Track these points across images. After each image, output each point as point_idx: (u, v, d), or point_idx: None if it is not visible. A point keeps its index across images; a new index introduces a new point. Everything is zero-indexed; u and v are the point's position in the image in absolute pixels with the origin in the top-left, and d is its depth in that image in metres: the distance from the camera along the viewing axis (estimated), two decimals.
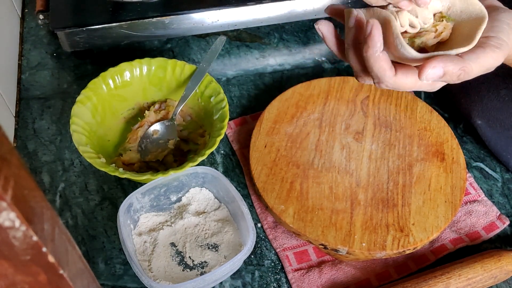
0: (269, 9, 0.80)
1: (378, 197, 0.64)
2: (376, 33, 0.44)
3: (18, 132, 0.74)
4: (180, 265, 0.62)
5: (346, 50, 0.50)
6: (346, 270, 0.62)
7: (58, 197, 0.68)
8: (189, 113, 0.74)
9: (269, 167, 0.66)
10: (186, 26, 0.79)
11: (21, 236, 0.22)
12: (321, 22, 0.50)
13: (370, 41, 0.44)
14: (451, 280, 0.58)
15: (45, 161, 0.71)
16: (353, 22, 0.48)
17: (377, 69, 0.45)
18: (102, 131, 0.69)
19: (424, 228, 0.60)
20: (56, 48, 0.85)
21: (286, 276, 0.62)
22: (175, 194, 0.66)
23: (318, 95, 0.74)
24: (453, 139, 0.70)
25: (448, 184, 0.65)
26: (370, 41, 0.44)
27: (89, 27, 0.76)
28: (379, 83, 0.47)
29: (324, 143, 0.69)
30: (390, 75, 0.46)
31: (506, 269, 0.60)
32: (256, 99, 0.80)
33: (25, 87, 0.80)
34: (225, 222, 0.65)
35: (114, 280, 0.62)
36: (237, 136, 0.75)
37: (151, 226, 0.64)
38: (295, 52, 0.86)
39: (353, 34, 0.48)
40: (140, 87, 0.73)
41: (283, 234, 0.65)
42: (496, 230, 0.66)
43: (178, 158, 0.69)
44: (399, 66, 0.47)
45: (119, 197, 0.68)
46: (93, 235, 0.65)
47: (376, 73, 0.46)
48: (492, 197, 0.70)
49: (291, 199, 0.63)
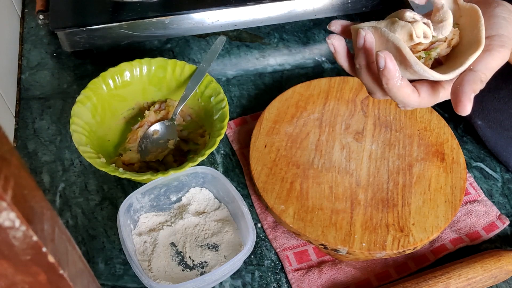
0: (269, 9, 0.80)
1: (378, 197, 0.64)
2: (391, 65, 0.44)
3: (18, 132, 0.74)
4: (180, 265, 0.62)
5: (357, 70, 0.49)
6: (346, 270, 0.62)
7: (58, 197, 0.68)
8: (189, 113, 0.74)
9: (269, 167, 0.66)
10: (186, 26, 0.79)
11: (21, 236, 0.22)
12: (333, 37, 0.49)
13: (388, 74, 0.44)
14: (451, 280, 0.58)
15: (45, 161, 0.71)
16: (362, 43, 0.47)
17: (402, 97, 0.46)
18: (102, 131, 0.69)
19: (424, 228, 0.60)
20: (56, 48, 0.85)
21: (286, 276, 0.62)
22: (175, 194, 0.66)
23: (318, 95, 0.74)
24: (453, 139, 0.70)
25: (448, 184, 0.65)
26: (388, 74, 0.44)
27: (89, 27, 0.76)
28: (405, 107, 0.48)
29: (324, 143, 0.69)
30: (415, 98, 0.46)
31: (506, 269, 0.60)
32: (256, 99, 0.80)
33: (25, 87, 0.80)
34: (225, 222, 0.65)
35: (114, 280, 0.62)
36: (237, 136, 0.75)
37: (151, 226, 0.64)
38: (295, 52, 0.86)
39: (363, 55, 0.48)
40: (140, 87, 0.73)
41: (283, 234, 0.65)
42: (496, 230, 0.66)
43: (178, 158, 0.69)
44: (418, 85, 0.47)
45: (119, 197, 0.68)
46: (93, 235, 0.65)
47: (401, 100, 0.46)
48: (492, 197, 0.70)
49: (291, 199, 0.63)
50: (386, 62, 0.43)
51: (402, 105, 0.47)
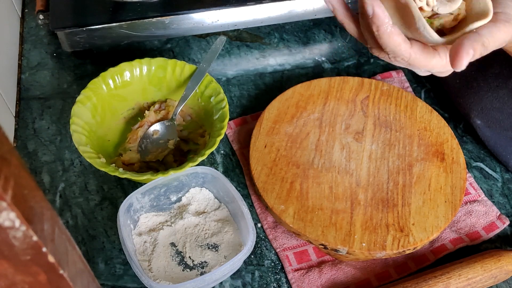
0: (269, 9, 0.80)
1: (378, 197, 0.64)
2: (379, 11, 0.44)
3: (18, 132, 0.74)
4: (180, 265, 0.62)
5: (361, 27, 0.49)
6: (346, 270, 0.62)
7: (58, 197, 0.68)
8: (189, 113, 0.74)
9: (269, 167, 0.66)
10: (186, 26, 0.79)
11: (21, 236, 0.22)
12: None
13: (377, 20, 0.44)
14: (451, 280, 0.58)
15: (45, 161, 0.71)
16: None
17: (392, 44, 0.45)
18: (102, 131, 0.69)
19: (424, 228, 0.60)
20: (56, 48, 0.85)
21: (286, 276, 0.62)
22: (175, 194, 0.66)
23: (318, 95, 0.74)
24: (453, 139, 0.70)
25: (448, 184, 0.65)
26: (377, 20, 0.44)
27: (89, 27, 0.76)
28: (395, 57, 0.47)
29: (324, 143, 0.69)
30: (406, 47, 0.46)
31: (506, 269, 0.60)
32: (256, 99, 0.80)
33: (25, 87, 0.80)
34: (225, 222, 0.65)
35: (114, 280, 0.62)
36: (237, 136, 0.75)
37: (151, 226, 0.64)
38: (295, 52, 0.86)
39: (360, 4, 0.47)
40: (140, 87, 0.73)
41: (283, 234, 0.65)
42: (496, 230, 0.66)
43: (178, 158, 0.69)
44: (414, 41, 0.46)
45: (119, 197, 0.68)
46: (93, 235, 0.65)
47: (391, 48, 0.46)
48: (492, 197, 0.70)
49: (291, 199, 0.63)
50: (374, 9, 0.44)
51: (393, 54, 0.47)
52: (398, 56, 0.47)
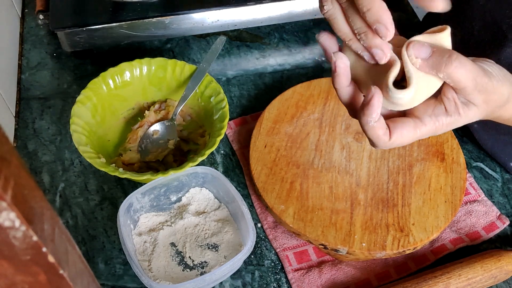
0: (269, 9, 0.80)
1: (378, 197, 0.64)
2: (375, 104, 0.42)
3: (18, 132, 0.74)
4: (180, 265, 0.62)
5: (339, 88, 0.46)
6: (346, 270, 0.62)
7: (58, 197, 0.68)
8: (189, 113, 0.74)
9: (269, 167, 0.66)
10: (186, 26, 0.79)
11: (21, 236, 0.22)
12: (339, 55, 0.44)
13: (367, 110, 0.42)
14: (451, 280, 0.58)
15: (45, 161, 0.71)
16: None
17: (371, 135, 0.44)
18: (102, 131, 0.69)
19: (424, 228, 0.60)
20: (56, 48, 0.85)
21: (286, 276, 0.62)
22: (175, 194, 0.66)
23: (318, 95, 0.74)
24: (453, 139, 0.70)
25: (448, 184, 0.65)
26: (367, 110, 0.42)
27: (89, 27, 0.76)
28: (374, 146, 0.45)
29: (324, 143, 0.69)
30: (385, 140, 0.44)
31: (506, 269, 0.60)
32: (256, 99, 0.80)
33: (25, 87, 0.80)
34: (225, 222, 0.65)
35: (114, 280, 0.62)
36: (237, 136, 0.74)
37: (151, 226, 0.64)
38: (295, 52, 0.86)
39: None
40: (140, 87, 0.73)
41: (283, 234, 0.65)
42: (496, 230, 0.66)
43: (178, 158, 0.69)
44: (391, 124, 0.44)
45: (119, 197, 0.68)
46: (93, 235, 0.65)
47: (370, 137, 0.44)
48: (492, 197, 0.70)
49: (291, 199, 0.63)
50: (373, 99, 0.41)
51: (371, 143, 0.45)
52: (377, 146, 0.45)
